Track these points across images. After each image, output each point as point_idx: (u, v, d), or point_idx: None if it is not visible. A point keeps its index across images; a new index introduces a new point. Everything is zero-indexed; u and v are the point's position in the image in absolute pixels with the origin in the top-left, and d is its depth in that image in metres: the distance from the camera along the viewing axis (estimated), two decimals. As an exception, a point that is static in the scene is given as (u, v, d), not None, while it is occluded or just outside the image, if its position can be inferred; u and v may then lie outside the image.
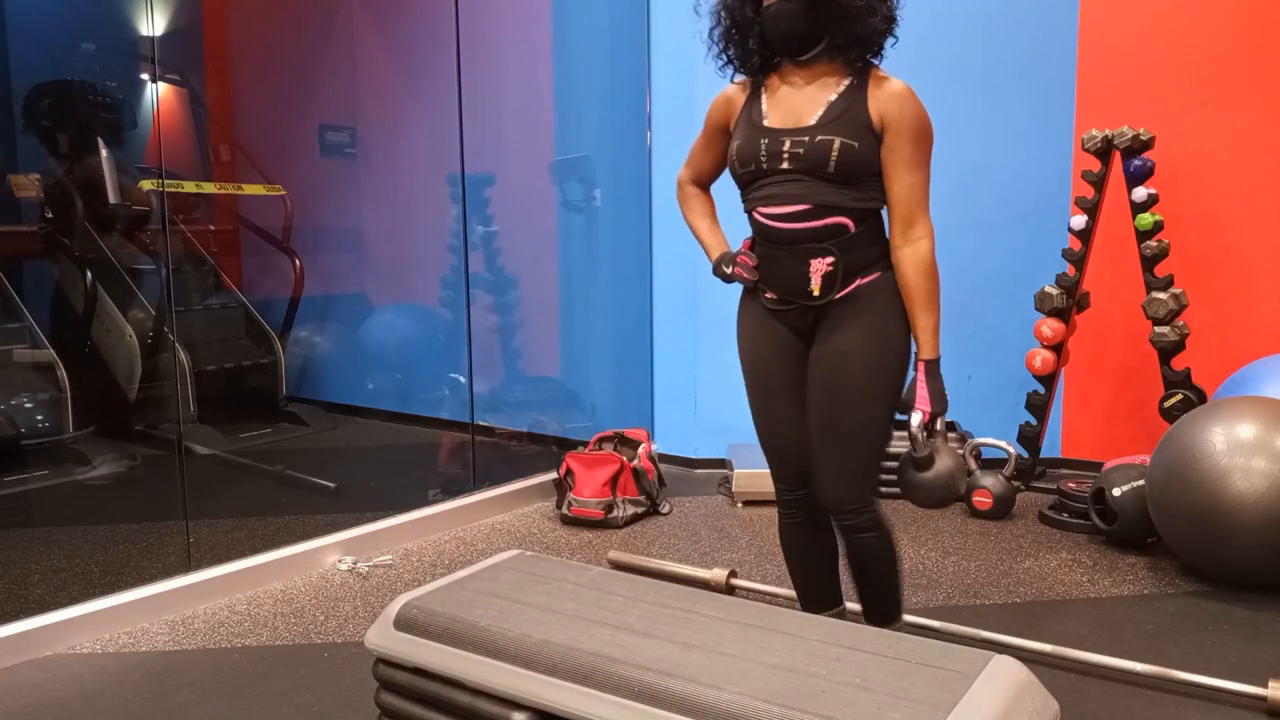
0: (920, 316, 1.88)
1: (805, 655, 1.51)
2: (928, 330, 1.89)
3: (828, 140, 1.77)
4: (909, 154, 1.80)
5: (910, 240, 1.84)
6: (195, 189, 4.89)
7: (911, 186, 1.82)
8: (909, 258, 1.84)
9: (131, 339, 4.23)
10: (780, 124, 1.83)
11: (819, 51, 1.82)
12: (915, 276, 1.85)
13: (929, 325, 1.89)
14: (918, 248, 1.85)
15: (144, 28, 4.97)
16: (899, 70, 4.05)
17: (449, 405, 4.55)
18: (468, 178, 3.93)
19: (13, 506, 3.54)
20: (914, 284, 1.86)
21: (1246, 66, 3.43)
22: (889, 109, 1.79)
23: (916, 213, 1.83)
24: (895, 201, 1.82)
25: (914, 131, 1.80)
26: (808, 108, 1.82)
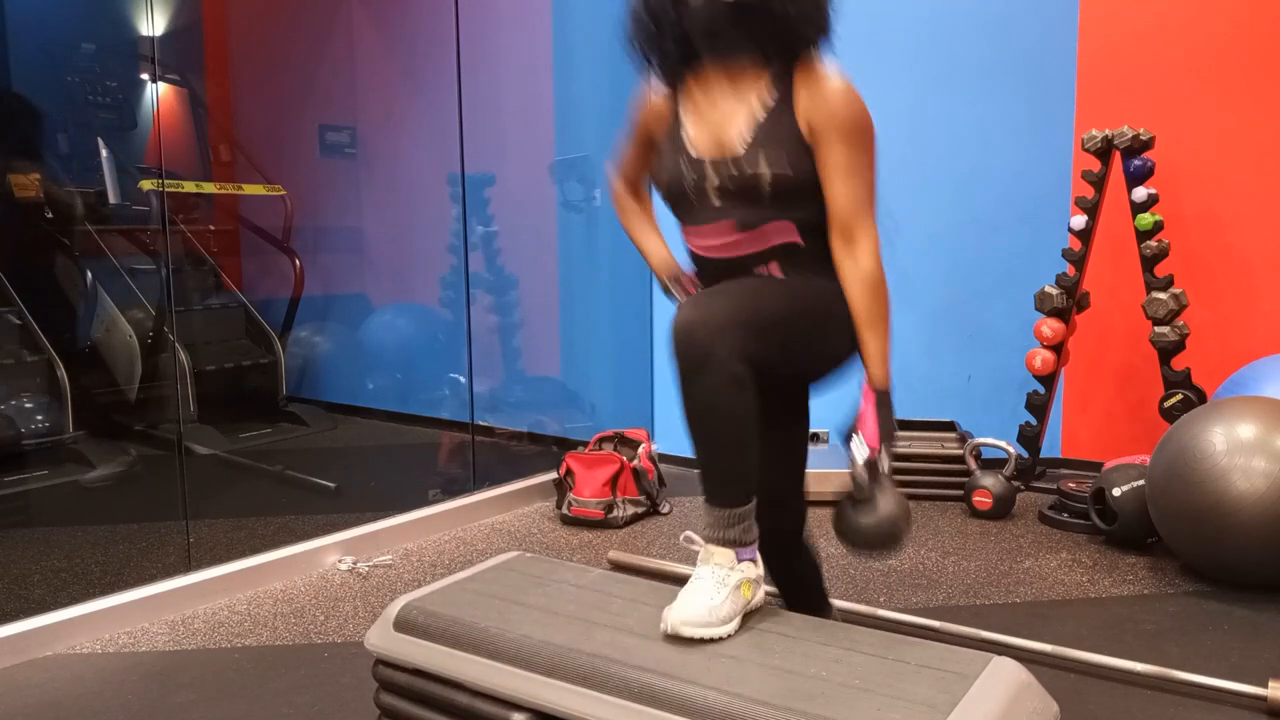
0: (868, 339, 1.67)
1: (804, 657, 1.51)
2: (876, 356, 1.68)
3: (756, 175, 1.63)
4: (843, 159, 1.64)
5: (852, 254, 1.66)
6: (195, 189, 4.89)
7: (848, 193, 1.65)
8: (851, 271, 1.66)
9: (131, 339, 4.23)
10: (705, 150, 1.68)
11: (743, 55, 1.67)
12: (859, 294, 1.66)
13: (878, 349, 1.67)
14: (860, 262, 1.66)
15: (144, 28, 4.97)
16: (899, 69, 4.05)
17: (449, 405, 4.55)
18: (468, 178, 3.94)
19: (13, 506, 3.54)
20: (859, 302, 1.66)
21: (1247, 66, 3.43)
22: (816, 115, 1.63)
23: (856, 223, 1.66)
24: (832, 211, 1.66)
25: (846, 135, 1.64)
26: (732, 127, 1.67)
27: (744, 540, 1.61)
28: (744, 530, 1.61)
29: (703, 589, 1.58)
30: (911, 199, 3.88)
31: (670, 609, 1.57)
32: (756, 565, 1.65)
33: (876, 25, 3.77)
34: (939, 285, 3.90)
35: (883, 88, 3.81)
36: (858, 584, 2.71)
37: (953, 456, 3.55)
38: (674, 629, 1.55)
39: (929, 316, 3.92)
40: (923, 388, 3.93)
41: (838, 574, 2.79)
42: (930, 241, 3.89)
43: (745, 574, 1.61)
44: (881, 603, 2.55)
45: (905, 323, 3.93)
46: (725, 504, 1.60)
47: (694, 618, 1.54)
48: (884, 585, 2.70)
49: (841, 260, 1.67)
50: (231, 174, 5.27)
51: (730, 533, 1.60)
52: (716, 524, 1.61)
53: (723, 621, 1.56)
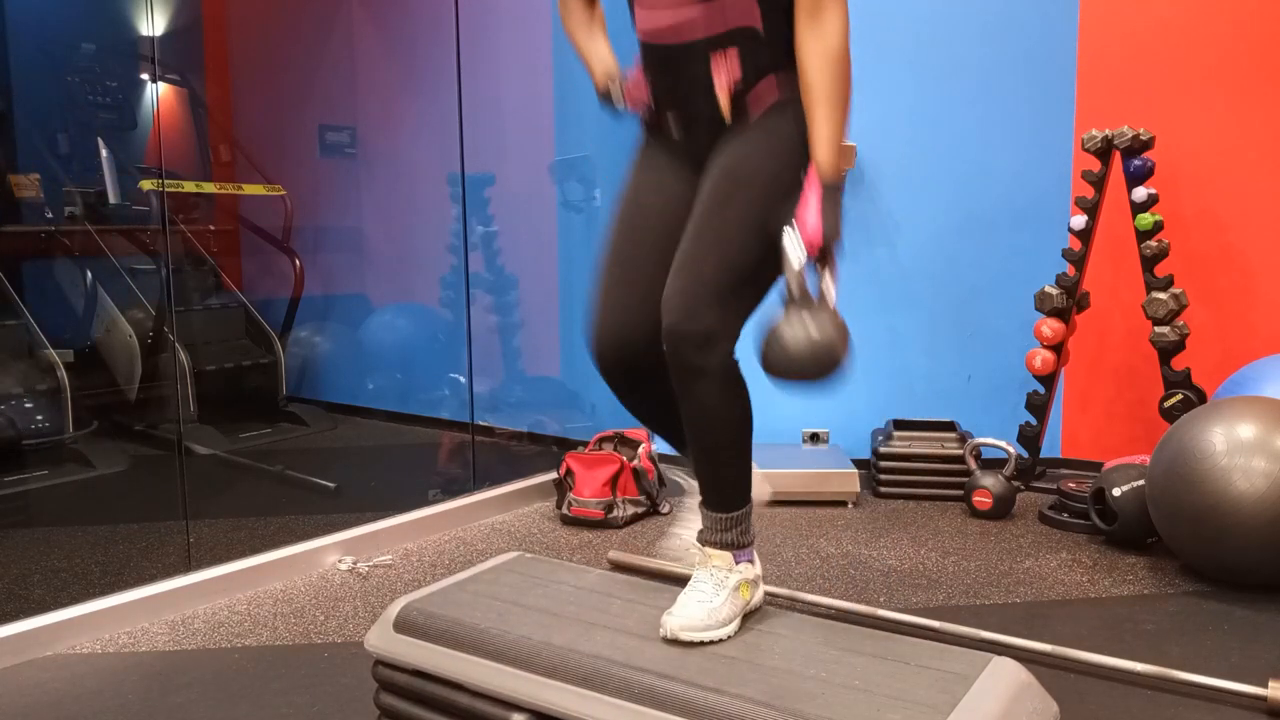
0: (821, 121, 1.48)
1: (804, 657, 1.51)
2: (828, 139, 1.48)
3: None
4: None
5: (818, 25, 1.48)
6: (195, 189, 4.89)
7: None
8: (812, 45, 1.48)
9: (131, 339, 4.23)
10: None
11: None
12: (820, 70, 1.47)
13: (830, 133, 1.48)
14: (826, 34, 1.47)
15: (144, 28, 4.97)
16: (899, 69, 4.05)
17: (449, 405, 4.55)
18: (468, 178, 3.93)
19: (13, 506, 3.54)
20: (817, 79, 1.47)
21: (1247, 66, 3.43)
22: None
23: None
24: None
25: None
26: None
27: (740, 543, 1.61)
28: (741, 533, 1.61)
29: (701, 593, 1.58)
30: (911, 199, 3.88)
31: (669, 614, 1.57)
32: (754, 565, 1.65)
33: (876, 25, 3.77)
34: (939, 285, 3.90)
35: (883, 88, 3.81)
36: (858, 584, 2.71)
37: (953, 456, 3.55)
38: (674, 634, 1.55)
39: (929, 316, 3.92)
40: (923, 388, 3.93)
41: (837, 574, 2.79)
42: (930, 241, 3.89)
43: (743, 575, 1.61)
44: (881, 603, 2.55)
45: (905, 323, 3.93)
46: (724, 508, 1.60)
47: (693, 622, 1.55)
48: (884, 585, 2.70)
49: (805, 34, 1.50)
50: (231, 174, 5.27)
51: (727, 536, 1.60)
52: (714, 527, 1.61)
53: (722, 624, 1.56)
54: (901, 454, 3.58)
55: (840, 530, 3.22)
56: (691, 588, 1.61)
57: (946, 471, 3.55)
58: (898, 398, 3.92)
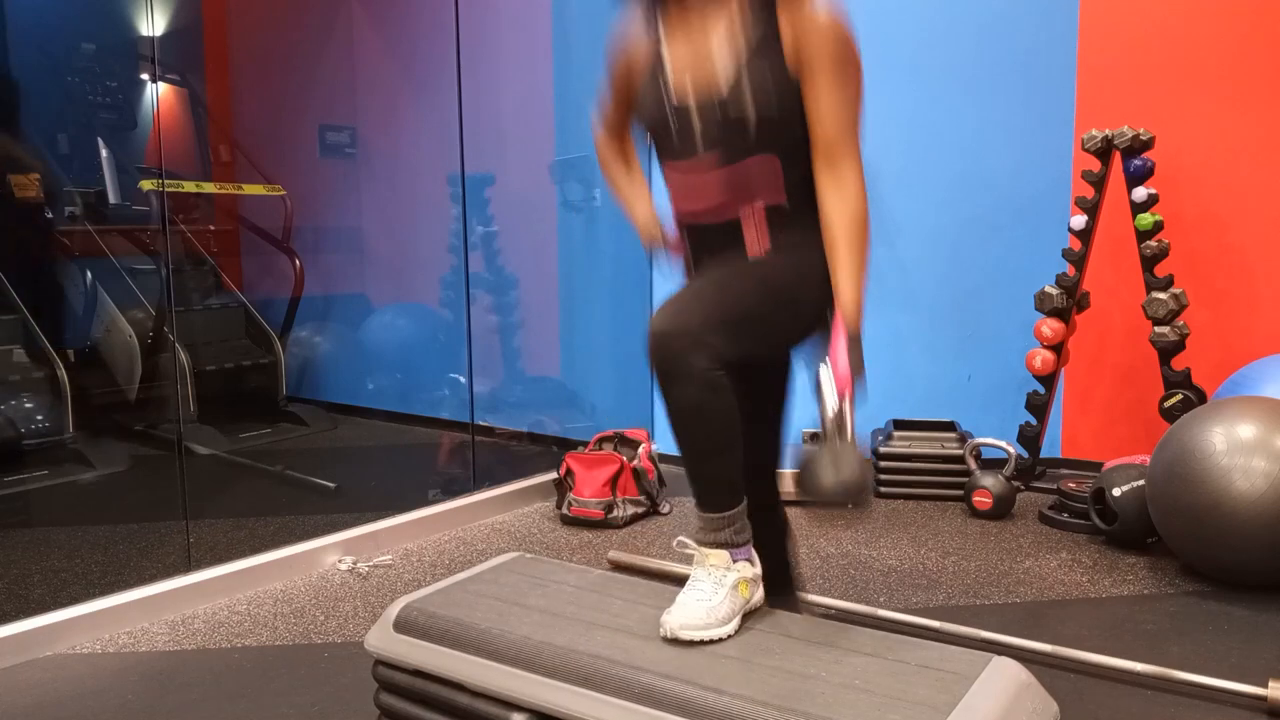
0: (843, 271, 1.57)
1: (804, 657, 1.51)
2: (851, 289, 1.56)
3: (742, 117, 1.57)
4: (829, 89, 1.56)
5: (836, 179, 1.58)
6: (195, 189, 4.89)
7: (834, 122, 1.57)
8: (833, 201, 1.58)
9: (131, 339, 4.23)
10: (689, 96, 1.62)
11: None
12: (840, 223, 1.56)
13: (852, 283, 1.57)
14: (844, 190, 1.57)
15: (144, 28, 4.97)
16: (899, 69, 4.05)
17: (449, 405, 4.55)
18: (468, 178, 3.93)
19: (13, 506, 3.54)
20: (839, 234, 1.56)
21: (1247, 66, 3.43)
22: (804, 45, 1.56)
23: (841, 149, 1.57)
24: (817, 139, 1.58)
25: (834, 62, 1.56)
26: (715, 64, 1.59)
27: (736, 541, 1.61)
28: (735, 532, 1.61)
29: (700, 592, 1.59)
30: (911, 199, 3.88)
31: (668, 613, 1.57)
32: (753, 564, 1.65)
33: (876, 25, 3.77)
34: (939, 285, 3.90)
35: (883, 88, 3.81)
36: (858, 584, 2.71)
37: (953, 456, 3.55)
38: (673, 634, 1.55)
39: (929, 316, 3.92)
40: (923, 388, 3.93)
41: (838, 574, 2.79)
42: (930, 241, 3.89)
43: (742, 573, 1.61)
44: (881, 603, 2.55)
45: (905, 323, 3.93)
46: (714, 509, 1.60)
47: (693, 621, 1.55)
48: (884, 585, 2.70)
49: (825, 189, 1.60)
50: (231, 174, 5.27)
51: (721, 535, 1.60)
52: (708, 527, 1.61)
53: (722, 622, 1.56)
54: (901, 454, 3.58)
55: (840, 530, 3.22)
56: (690, 587, 1.61)
57: (946, 471, 3.55)
58: (898, 398, 3.92)
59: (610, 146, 1.92)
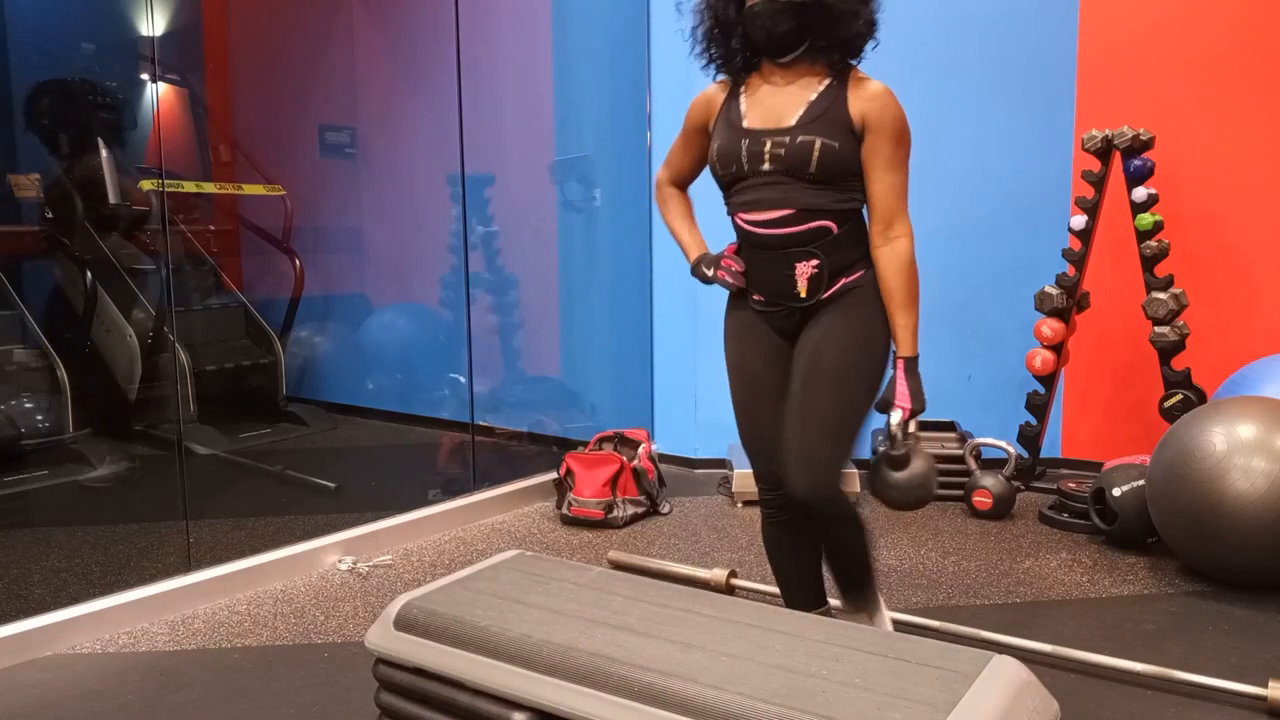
0: (899, 315, 1.88)
1: (805, 655, 1.51)
2: (907, 329, 1.89)
3: (809, 141, 1.79)
4: (889, 154, 1.82)
5: (889, 240, 1.86)
6: (195, 189, 4.89)
7: (891, 186, 1.84)
8: (887, 257, 1.86)
9: (131, 339, 4.23)
10: (760, 124, 1.85)
11: (801, 53, 1.84)
12: (894, 276, 1.86)
13: (908, 324, 1.89)
14: (896, 247, 1.86)
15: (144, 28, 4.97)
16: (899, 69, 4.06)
17: (449, 405, 4.55)
18: (468, 178, 3.93)
19: (13, 506, 3.54)
20: (893, 283, 1.86)
21: (1247, 67, 3.43)
22: (870, 109, 1.81)
23: (896, 212, 1.85)
24: (875, 201, 1.85)
25: (894, 132, 1.82)
26: (788, 108, 1.84)
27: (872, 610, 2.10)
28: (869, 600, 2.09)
29: None
30: (912, 199, 3.85)
31: None
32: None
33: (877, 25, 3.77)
34: (939, 285, 3.90)
35: (883, 88, 3.81)
36: (858, 584, 2.71)
37: (953, 456, 3.54)
38: None
39: (929, 316, 3.90)
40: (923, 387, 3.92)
41: (838, 574, 2.79)
42: (930, 241, 3.87)
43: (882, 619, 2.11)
44: (882, 602, 2.55)
45: (905, 323, 3.93)
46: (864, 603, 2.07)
47: None
48: (884, 585, 2.70)
49: (880, 247, 1.86)
50: (231, 174, 5.27)
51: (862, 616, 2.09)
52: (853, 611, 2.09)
53: None
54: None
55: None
56: None
57: (947, 471, 3.54)
58: (898, 398, 3.92)
59: (671, 188, 2.11)
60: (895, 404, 1.90)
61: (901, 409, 1.89)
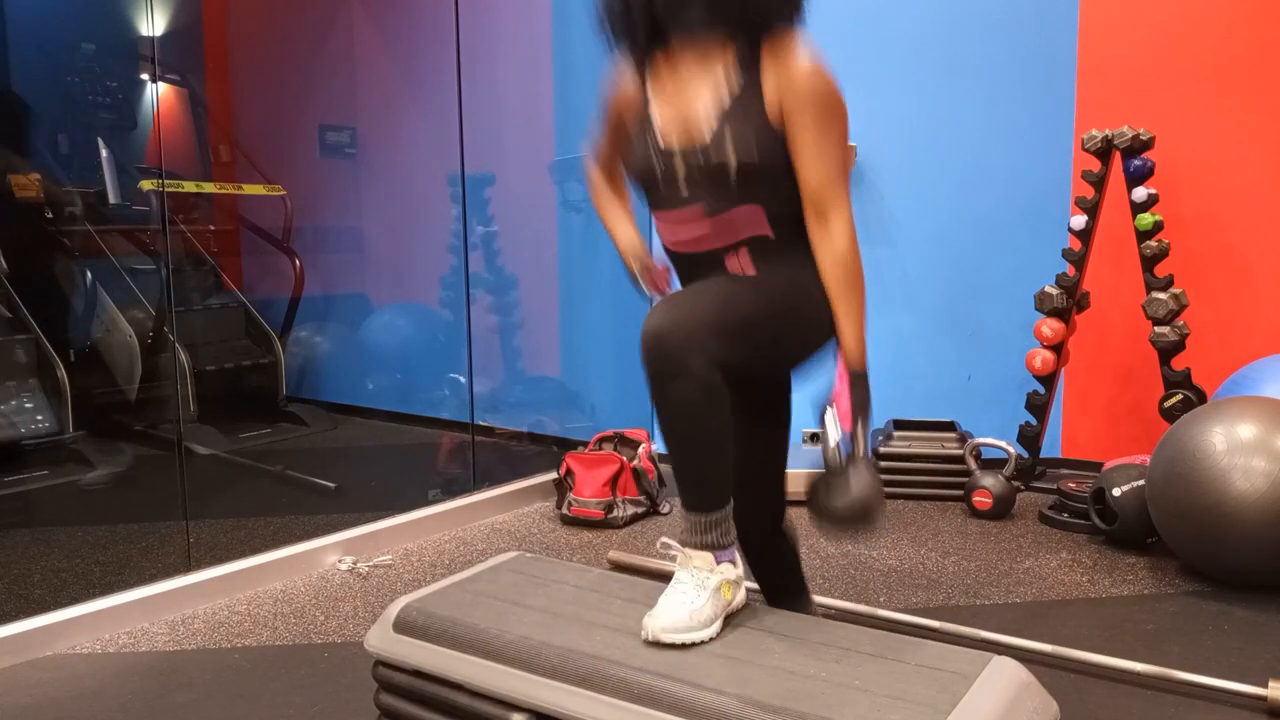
0: (842, 315, 1.65)
1: (804, 657, 1.51)
2: (851, 334, 1.65)
3: (723, 164, 1.61)
4: (813, 138, 1.60)
5: (827, 232, 1.63)
6: (195, 189, 4.89)
7: (820, 172, 1.62)
8: (825, 252, 1.64)
9: (131, 339, 4.23)
10: (673, 141, 1.67)
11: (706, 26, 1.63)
12: (834, 272, 1.64)
13: (852, 327, 1.66)
14: (834, 240, 1.63)
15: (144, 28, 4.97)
16: (900, 70, 4.05)
17: (449, 405, 4.55)
18: (468, 178, 3.93)
19: (13, 506, 3.54)
20: (833, 277, 1.64)
21: (1247, 67, 3.43)
22: (786, 95, 1.60)
23: (829, 199, 1.62)
24: (805, 189, 1.64)
25: (816, 114, 1.60)
26: (699, 112, 1.64)
27: (721, 544, 1.61)
28: (721, 534, 1.61)
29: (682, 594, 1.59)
30: (911, 199, 3.88)
31: (650, 615, 1.57)
32: (736, 566, 1.65)
33: (876, 25, 3.77)
34: (939, 285, 3.90)
35: (883, 88, 3.81)
36: (858, 584, 2.71)
37: (953, 456, 3.54)
38: (654, 636, 1.55)
39: (929, 316, 3.92)
40: (923, 388, 3.93)
41: (837, 574, 2.79)
42: (930, 241, 3.89)
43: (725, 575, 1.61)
44: (881, 603, 2.55)
45: (905, 323, 3.93)
46: (701, 509, 1.61)
47: (674, 624, 1.55)
48: (884, 585, 2.70)
49: (816, 239, 1.65)
50: (231, 174, 5.27)
51: (707, 537, 1.60)
52: (694, 529, 1.61)
53: (704, 624, 1.56)
54: (901, 454, 3.58)
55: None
56: (672, 588, 1.61)
57: (946, 471, 3.55)
58: (898, 398, 3.93)
59: (601, 179, 1.96)
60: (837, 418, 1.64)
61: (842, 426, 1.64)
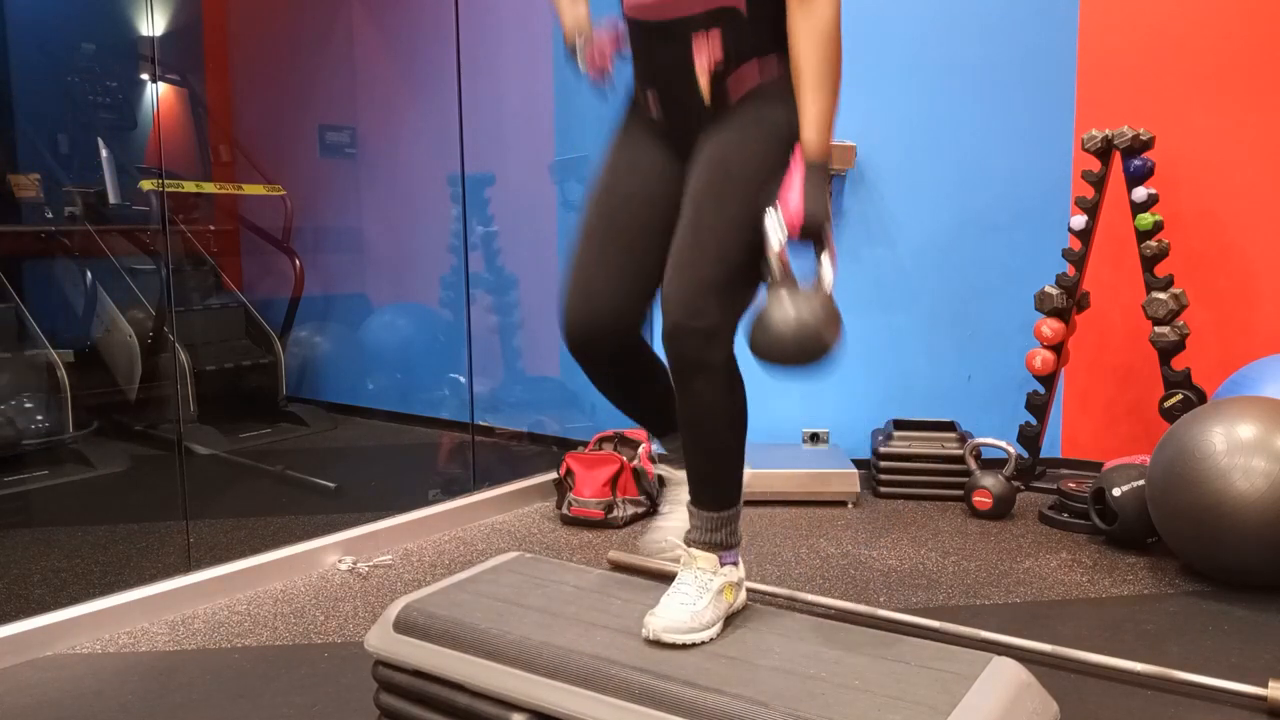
0: (808, 98, 1.45)
1: (804, 657, 1.51)
2: (817, 119, 1.45)
3: None
4: None
5: (807, 5, 1.45)
6: (195, 189, 4.89)
7: None
8: (801, 23, 1.46)
9: (131, 339, 4.23)
10: None
11: None
12: (807, 46, 1.45)
13: (819, 111, 1.45)
14: (814, 11, 1.45)
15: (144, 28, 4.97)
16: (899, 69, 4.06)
17: (449, 405, 4.55)
18: (468, 178, 3.93)
19: (13, 506, 3.54)
20: (804, 55, 1.45)
21: (1247, 67, 3.43)
22: None
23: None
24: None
25: None
26: None
27: (729, 543, 1.61)
28: (729, 534, 1.61)
29: (685, 595, 1.58)
30: (911, 199, 3.87)
31: (652, 614, 1.57)
32: (739, 568, 1.65)
33: (876, 25, 3.77)
34: (939, 285, 3.90)
35: (883, 87, 3.81)
36: (858, 584, 2.71)
37: (953, 456, 3.54)
38: (656, 636, 1.54)
39: (929, 316, 3.92)
40: (923, 388, 3.93)
41: (838, 574, 2.79)
42: (930, 241, 3.89)
43: (728, 578, 1.61)
44: (881, 603, 2.55)
45: (905, 323, 3.93)
46: (713, 507, 1.59)
47: (676, 624, 1.54)
48: (884, 585, 2.70)
49: (794, 11, 1.48)
50: (231, 174, 5.27)
51: (717, 536, 1.60)
52: (703, 527, 1.60)
53: (705, 627, 1.56)
54: (901, 454, 3.58)
55: (840, 530, 3.22)
56: (675, 589, 1.60)
57: (946, 471, 3.55)
58: (898, 398, 3.92)
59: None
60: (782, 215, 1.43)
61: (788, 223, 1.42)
